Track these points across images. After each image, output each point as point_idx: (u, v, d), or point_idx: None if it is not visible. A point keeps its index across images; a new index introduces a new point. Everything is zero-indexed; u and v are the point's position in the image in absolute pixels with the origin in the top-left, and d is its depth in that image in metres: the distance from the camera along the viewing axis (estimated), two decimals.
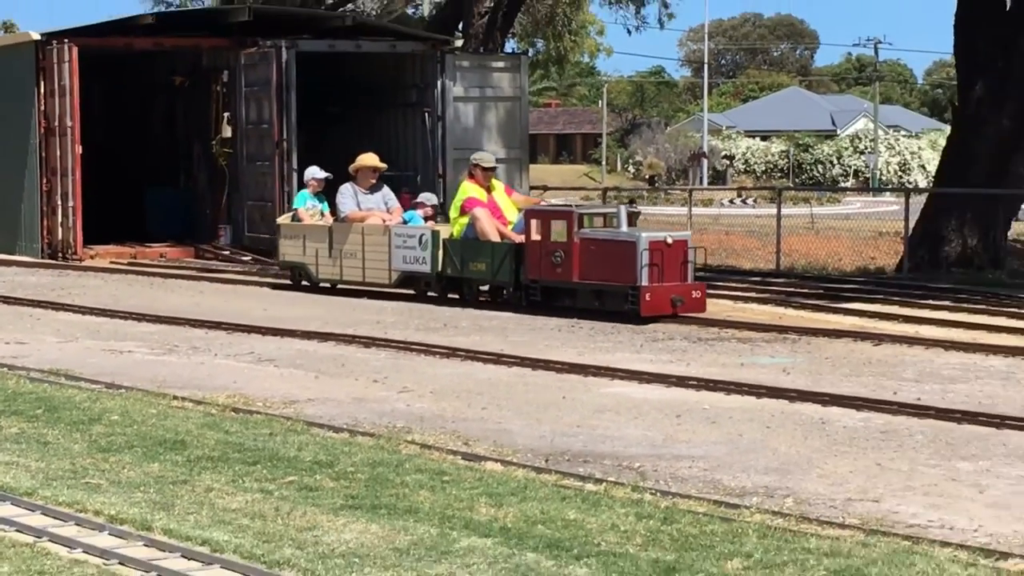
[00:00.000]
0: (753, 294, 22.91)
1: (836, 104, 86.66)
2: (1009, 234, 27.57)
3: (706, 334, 17.25)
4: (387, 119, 30.55)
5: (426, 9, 44.01)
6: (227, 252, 28.62)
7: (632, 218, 18.19)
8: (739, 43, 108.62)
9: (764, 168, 72.89)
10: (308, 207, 20.65)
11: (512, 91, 30.33)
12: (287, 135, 27.41)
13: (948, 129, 38.94)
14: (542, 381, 14.01)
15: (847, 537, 7.65)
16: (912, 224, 26.24)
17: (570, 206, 17.99)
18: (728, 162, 77.76)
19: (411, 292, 19.29)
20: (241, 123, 28.55)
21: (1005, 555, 7.08)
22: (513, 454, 10.30)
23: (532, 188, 31.86)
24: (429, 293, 18.89)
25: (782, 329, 17.55)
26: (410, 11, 44.95)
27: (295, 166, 27.16)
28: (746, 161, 75.75)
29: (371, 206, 19.58)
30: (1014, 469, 9.91)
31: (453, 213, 18.49)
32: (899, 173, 60.89)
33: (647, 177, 75.43)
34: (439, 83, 28.83)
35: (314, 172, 21.81)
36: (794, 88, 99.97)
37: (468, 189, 18.42)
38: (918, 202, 29.09)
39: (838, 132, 76.16)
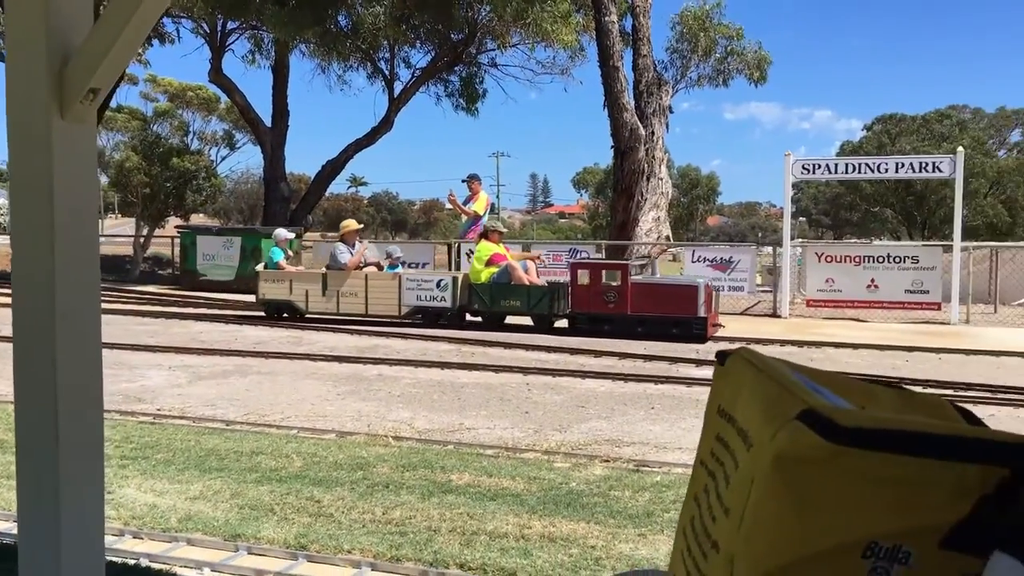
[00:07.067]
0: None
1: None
2: None
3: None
4: None
5: None
6: None
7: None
8: None
9: None
10: (283, 259, 15.23)
11: None
12: None
13: None
14: None
15: None
16: None
17: (625, 262, 13.88)
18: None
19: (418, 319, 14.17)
20: None
21: None
22: None
23: None
24: (441, 321, 13.99)
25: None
26: None
27: None
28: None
29: (360, 258, 14.76)
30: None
31: (479, 265, 13.98)
32: None
33: None
34: None
35: (283, 233, 16.10)
36: None
37: (490, 248, 14.01)
38: None
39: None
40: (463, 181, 18.28)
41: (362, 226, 16.11)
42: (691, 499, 0.81)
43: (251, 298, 17.74)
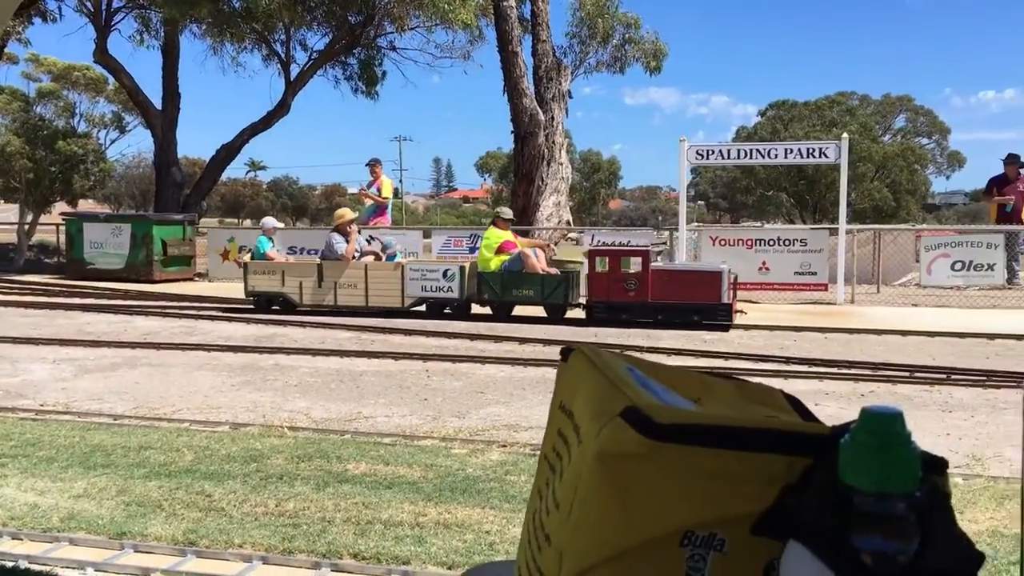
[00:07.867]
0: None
1: None
2: None
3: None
4: None
5: None
6: None
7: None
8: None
9: None
10: (271, 249, 14.56)
11: None
12: None
13: None
14: None
15: None
16: None
17: (646, 246, 13.49)
18: None
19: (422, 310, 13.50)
20: None
21: None
22: None
23: None
24: (446, 310, 13.39)
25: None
26: None
27: None
28: None
29: (355, 247, 14.09)
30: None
31: (488, 253, 13.32)
32: None
33: None
34: None
35: (271, 222, 15.52)
36: None
37: (500, 235, 13.43)
38: None
39: None
40: (366, 165, 18.06)
41: (356, 215, 15.59)
42: (535, 493, 0.83)
43: (143, 287, 17.25)
